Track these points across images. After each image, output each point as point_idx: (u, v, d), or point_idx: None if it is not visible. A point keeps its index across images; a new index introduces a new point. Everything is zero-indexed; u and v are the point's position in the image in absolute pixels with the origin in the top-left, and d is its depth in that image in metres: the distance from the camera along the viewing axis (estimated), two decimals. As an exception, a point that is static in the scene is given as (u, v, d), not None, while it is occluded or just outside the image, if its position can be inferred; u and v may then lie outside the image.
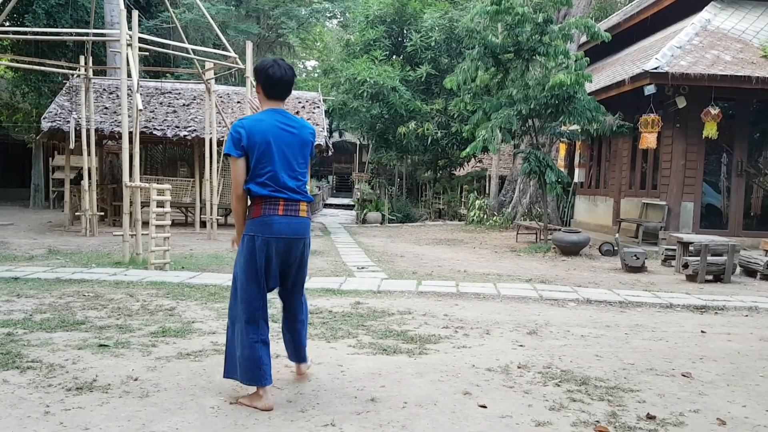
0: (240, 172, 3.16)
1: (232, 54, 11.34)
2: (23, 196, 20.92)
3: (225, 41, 11.94)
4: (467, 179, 21.51)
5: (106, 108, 14.02)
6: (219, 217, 12.60)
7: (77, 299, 5.66)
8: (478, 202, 16.78)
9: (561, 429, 2.99)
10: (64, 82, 15.52)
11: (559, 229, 11.56)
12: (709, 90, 10.28)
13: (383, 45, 18.55)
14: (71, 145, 12.08)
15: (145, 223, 7.98)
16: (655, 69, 10.10)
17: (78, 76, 12.63)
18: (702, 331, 5.24)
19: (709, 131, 10.27)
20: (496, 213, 16.41)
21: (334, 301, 5.88)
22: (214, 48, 15.71)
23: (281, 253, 3.21)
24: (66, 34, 14.00)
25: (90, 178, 11.83)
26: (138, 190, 8.34)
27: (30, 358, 3.82)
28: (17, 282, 6.39)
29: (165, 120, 14.02)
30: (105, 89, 14.73)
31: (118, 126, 12.25)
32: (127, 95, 8.57)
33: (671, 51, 10.65)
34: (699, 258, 7.96)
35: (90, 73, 12.19)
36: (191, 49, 11.82)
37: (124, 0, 9.68)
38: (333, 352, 4.19)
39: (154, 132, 13.47)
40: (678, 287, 7.51)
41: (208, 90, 12.18)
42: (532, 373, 3.85)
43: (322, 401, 3.26)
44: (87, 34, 11.96)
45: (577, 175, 14.77)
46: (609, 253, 10.44)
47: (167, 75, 18.33)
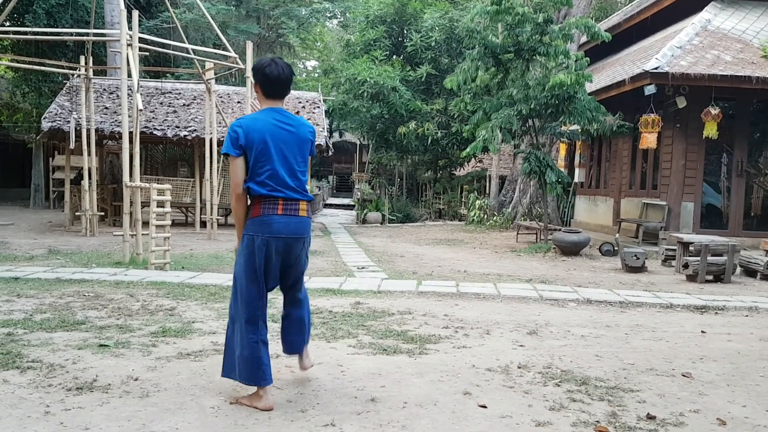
0: (239, 171, 3.15)
1: (232, 54, 11.35)
2: (23, 196, 20.92)
3: (225, 41, 11.94)
4: (467, 179, 21.50)
5: (106, 108, 14.03)
6: (219, 217, 12.61)
7: (77, 299, 5.66)
8: (478, 202, 16.78)
9: (561, 429, 2.99)
10: (64, 82, 15.52)
11: (560, 229, 11.56)
12: (710, 90, 10.28)
13: (383, 45, 18.55)
14: (71, 145, 12.08)
15: (146, 223, 7.98)
16: (656, 69, 10.10)
17: (78, 76, 12.63)
18: (702, 331, 5.24)
19: (710, 131, 10.27)
20: (496, 213, 16.41)
21: (334, 301, 5.88)
22: (214, 48, 15.72)
23: (281, 253, 3.19)
24: (66, 34, 14.01)
25: (90, 178, 11.83)
26: (138, 190, 8.34)
27: (30, 358, 3.82)
28: (17, 282, 6.40)
29: (165, 120, 14.03)
30: (105, 89, 14.74)
31: (118, 126, 12.26)
32: (128, 95, 8.58)
33: (671, 51, 10.65)
34: (699, 258, 7.97)
35: (90, 73, 12.19)
36: (191, 49, 11.82)
37: (124, 0, 9.69)
38: (333, 352, 4.19)
39: (154, 132, 13.48)
40: (678, 287, 7.51)
41: (208, 90, 12.18)
42: (532, 373, 3.86)
43: (322, 401, 3.26)
44: (87, 34, 11.96)
45: (578, 175, 14.77)
46: (609, 253, 10.44)
47: (167, 75, 18.33)
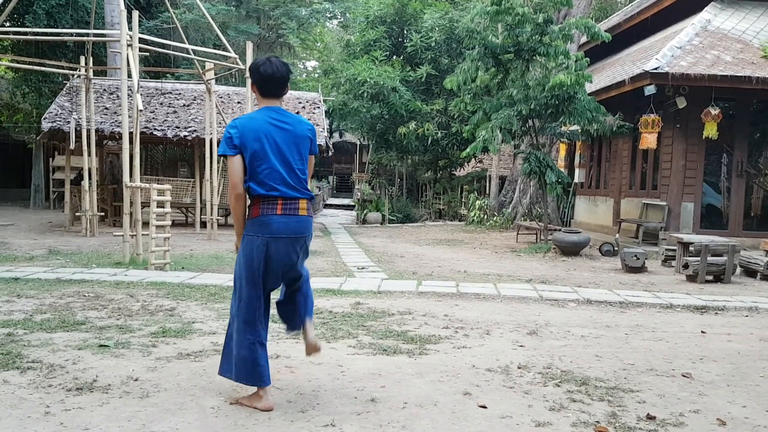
0: (236, 170, 3.13)
1: (232, 54, 11.35)
2: (23, 196, 20.92)
3: (225, 42, 11.94)
4: (467, 179, 21.50)
5: (106, 108, 14.03)
6: (219, 218, 12.61)
7: (77, 299, 5.66)
8: (478, 202, 16.77)
9: (561, 429, 2.99)
10: (64, 82, 15.52)
11: (560, 230, 11.56)
12: (710, 90, 10.28)
13: (383, 45, 18.55)
14: (71, 146, 12.08)
15: (146, 224, 7.98)
16: (656, 69, 10.10)
17: (78, 76, 12.63)
18: (702, 332, 5.24)
19: (710, 131, 10.27)
20: (496, 213, 16.40)
21: (334, 302, 5.88)
22: (214, 48, 15.71)
23: (281, 253, 3.15)
24: (66, 34, 14.01)
25: (90, 178, 11.83)
26: (138, 190, 8.35)
27: (30, 358, 3.82)
28: (17, 282, 6.40)
29: (165, 120, 14.03)
30: (105, 89, 14.74)
31: (118, 126, 12.27)
32: (128, 96, 8.58)
33: (671, 51, 10.65)
34: (699, 258, 7.96)
35: (90, 74, 12.19)
36: (191, 50, 11.83)
37: (124, 0, 9.69)
38: (333, 352, 4.19)
39: (154, 132, 13.48)
40: (678, 287, 7.51)
41: (208, 90, 12.18)
42: (532, 374, 3.86)
43: (322, 401, 3.26)
44: (87, 34, 11.95)
45: (578, 176, 14.77)
46: (609, 254, 10.44)
47: (167, 75, 18.33)
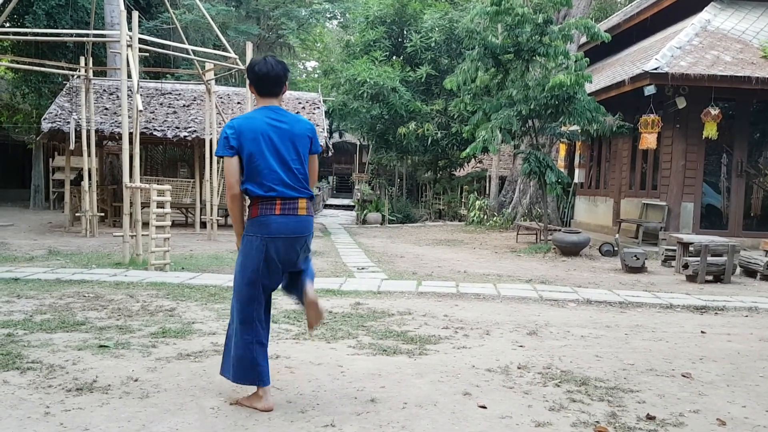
0: (233, 171, 3.12)
1: (232, 55, 11.35)
2: (23, 196, 20.91)
3: (225, 42, 11.95)
4: (467, 180, 21.50)
5: (106, 109, 14.03)
6: (219, 218, 12.60)
7: (77, 300, 5.66)
8: (478, 202, 16.77)
9: (561, 429, 2.99)
10: (64, 82, 15.52)
11: (559, 230, 11.57)
12: (709, 90, 10.28)
13: (383, 46, 18.56)
14: (71, 146, 12.08)
15: (146, 224, 7.98)
16: (655, 69, 10.10)
17: (78, 76, 12.64)
18: (702, 332, 5.24)
19: (709, 132, 10.27)
20: (496, 213, 16.40)
21: (334, 302, 5.88)
22: (214, 49, 15.71)
23: (280, 253, 3.13)
24: (66, 35, 14.01)
25: (90, 178, 11.83)
26: (138, 190, 8.35)
27: (30, 359, 3.82)
28: (17, 283, 6.40)
29: (165, 121, 14.03)
30: (105, 90, 14.74)
31: (118, 127, 12.27)
32: (128, 96, 8.58)
33: (671, 51, 10.65)
34: (699, 258, 7.97)
35: (90, 74, 12.19)
36: (191, 50, 11.83)
37: (124, 1, 9.69)
38: (333, 352, 4.19)
39: (154, 133, 13.48)
40: (678, 288, 7.51)
41: (208, 91, 12.19)
42: (532, 374, 3.86)
43: (322, 402, 3.26)
44: (87, 35, 11.95)
45: (577, 176, 14.77)
46: (609, 254, 10.44)
47: (167, 76, 18.33)
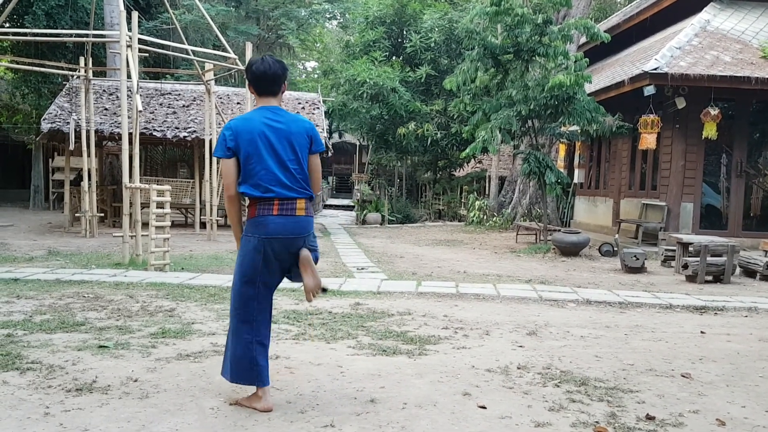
0: (230, 172, 3.14)
1: (231, 55, 11.35)
2: (23, 197, 20.90)
3: (225, 42, 11.94)
4: (467, 180, 21.51)
5: (105, 109, 14.02)
6: (219, 218, 12.59)
7: (77, 300, 5.66)
8: (477, 202, 16.77)
9: (560, 429, 2.99)
10: (63, 83, 15.51)
11: (559, 230, 11.57)
12: (709, 91, 10.28)
13: (383, 46, 18.56)
14: (71, 147, 12.07)
15: (145, 224, 7.98)
16: (655, 70, 10.10)
17: (78, 77, 12.63)
18: (701, 332, 5.24)
19: (709, 132, 10.28)
20: (495, 214, 16.40)
21: (333, 302, 5.88)
22: (213, 49, 15.70)
23: (279, 253, 3.13)
24: (66, 35, 14.00)
25: (90, 179, 11.82)
26: (138, 191, 8.34)
27: (30, 359, 3.82)
28: (17, 283, 6.39)
29: (165, 121, 14.03)
30: (105, 90, 14.74)
31: (117, 127, 12.26)
32: (127, 96, 8.58)
33: (671, 52, 10.65)
34: (698, 259, 7.97)
35: (90, 75, 12.18)
36: (191, 51, 11.83)
37: (123, 1, 9.69)
38: (332, 353, 4.20)
39: (153, 133, 13.47)
40: (677, 288, 7.51)
41: (207, 91, 12.19)
42: (531, 374, 3.86)
43: (321, 402, 3.26)
44: (87, 35, 11.95)
45: (577, 176, 14.77)
46: (609, 254, 10.44)
47: (167, 76, 18.33)
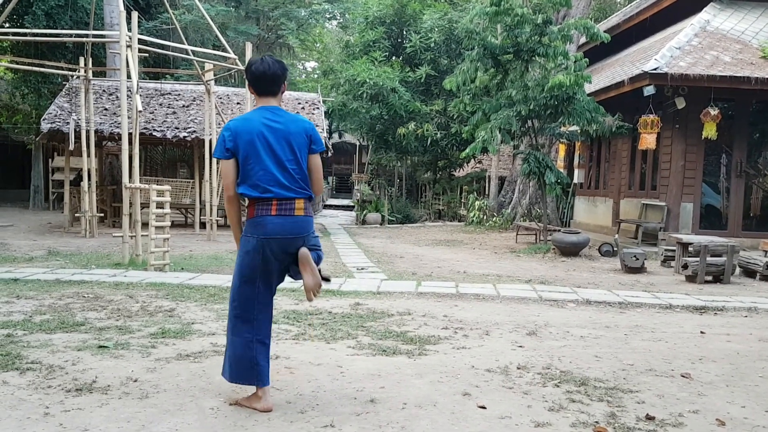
0: (229, 173, 3.15)
1: (231, 55, 11.35)
2: (23, 197, 20.90)
3: (224, 42, 11.94)
4: (467, 180, 21.51)
5: (105, 109, 14.02)
6: (218, 218, 12.59)
7: (77, 300, 5.66)
8: (477, 203, 16.77)
9: (560, 430, 2.99)
10: (63, 83, 15.51)
11: (559, 230, 11.57)
12: (709, 91, 10.29)
13: (383, 46, 18.57)
14: (71, 147, 12.07)
15: (145, 225, 7.98)
16: (655, 70, 10.10)
17: (77, 77, 12.62)
18: (701, 332, 5.24)
19: (709, 132, 10.28)
20: (495, 214, 16.40)
21: (333, 302, 5.88)
22: (213, 49, 15.70)
23: (277, 254, 3.12)
24: (65, 35, 13.99)
25: (90, 179, 11.82)
26: (138, 191, 8.34)
27: (30, 359, 3.82)
28: (17, 283, 6.39)
29: (165, 121, 14.03)
30: (105, 90, 14.74)
31: (117, 127, 12.25)
32: (127, 96, 8.58)
33: (670, 52, 10.66)
34: (698, 259, 7.97)
35: (89, 75, 12.18)
36: (191, 51, 11.83)
37: (123, 1, 9.69)
38: (332, 353, 4.19)
39: (153, 133, 13.47)
40: (677, 288, 7.51)
41: (207, 91, 12.18)
42: (531, 374, 3.86)
43: (321, 402, 3.26)
44: (86, 35, 11.93)
45: (577, 176, 14.77)
46: (608, 254, 10.44)
47: (167, 76, 18.32)
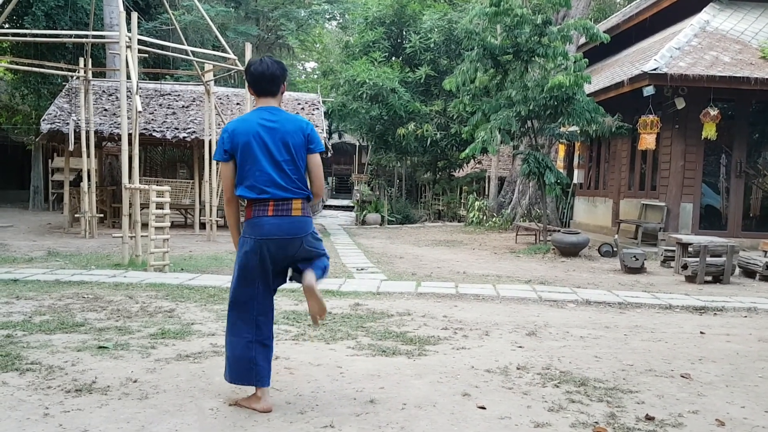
0: (227, 175, 3.16)
1: (231, 56, 11.35)
2: (23, 197, 20.90)
3: (224, 43, 11.95)
4: (466, 180, 21.52)
5: (105, 110, 14.02)
6: (218, 219, 12.59)
7: (76, 301, 5.66)
8: (477, 203, 16.77)
9: (560, 430, 2.99)
10: (63, 84, 15.52)
11: (559, 230, 11.57)
12: (708, 91, 10.29)
13: (382, 46, 18.57)
14: (71, 147, 12.07)
15: (145, 225, 7.98)
16: (654, 70, 10.10)
17: (77, 77, 12.62)
18: (701, 332, 5.24)
19: (708, 132, 10.28)
20: (495, 214, 16.40)
21: (333, 303, 5.87)
22: (213, 50, 15.70)
23: (274, 254, 3.11)
24: (65, 36, 13.98)
25: (89, 179, 11.82)
26: (137, 191, 8.34)
27: (29, 360, 3.82)
28: (16, 284, 6.39)
29: (164, 122, 14.03)
30: (104, 91, 14.74)
31: (117, 128, 12.26)
32: (127, 97, 8.58)
33: (670, 52, 10.66)
34: (698, 259, 7.97)
35: (89, 75, 12.18)
36: (190, 51, 11.83)
37: (123, 2, 9.69)
38: (332, 353, 4.19)
39: (153, 134, 13.47)
40: (677, 288, 7.51)
41: (207, 91, 12.19)
42: (531, 375, 3.86)
43: (321, 403, 3.26)
44: (86, 35, 11.92)
45: (577, 176, 14.78)
46: (608, 254, 10.44)
47: (166, 77, 18.31)
